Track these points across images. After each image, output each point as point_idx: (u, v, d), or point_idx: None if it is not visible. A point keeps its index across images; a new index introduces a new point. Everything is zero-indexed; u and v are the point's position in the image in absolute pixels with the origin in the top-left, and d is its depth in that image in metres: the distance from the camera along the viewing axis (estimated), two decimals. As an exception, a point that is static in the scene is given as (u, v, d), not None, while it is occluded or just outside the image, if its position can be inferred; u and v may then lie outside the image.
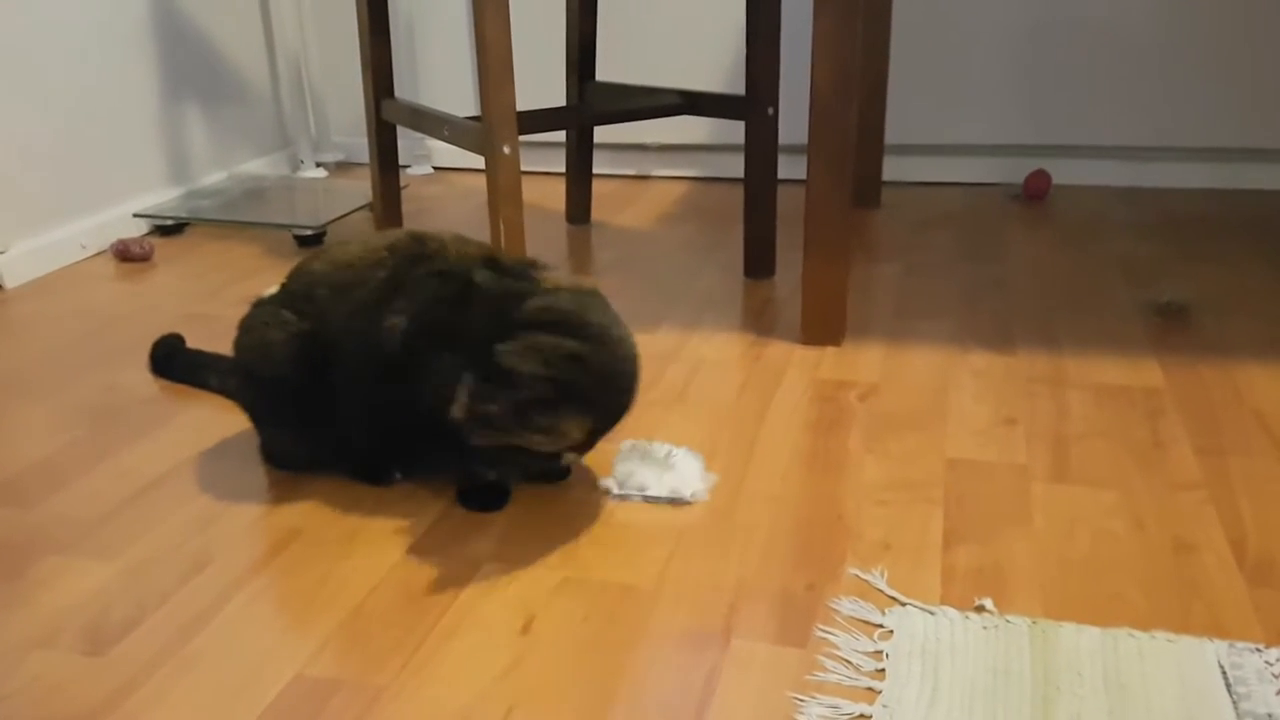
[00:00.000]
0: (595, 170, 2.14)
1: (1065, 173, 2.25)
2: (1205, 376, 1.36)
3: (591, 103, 2.00)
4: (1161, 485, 1.12)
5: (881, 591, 0.96)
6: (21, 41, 1.88)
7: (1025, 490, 1.12)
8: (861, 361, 1.45)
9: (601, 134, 2.17)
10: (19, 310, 1.77)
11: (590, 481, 1.16)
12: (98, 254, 2.03)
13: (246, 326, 1.18)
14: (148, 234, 2.13)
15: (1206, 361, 1.40)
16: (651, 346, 1.52)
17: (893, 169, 2.26)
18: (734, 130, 1.80)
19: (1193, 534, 1.03)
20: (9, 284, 1.86)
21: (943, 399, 1.33)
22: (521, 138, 1.54)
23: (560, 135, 2.16)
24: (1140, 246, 1.87)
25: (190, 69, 2.28)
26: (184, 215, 2.14)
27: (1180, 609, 0.92)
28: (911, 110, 2.27)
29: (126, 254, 1.98)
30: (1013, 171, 2.27)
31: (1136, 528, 1.04)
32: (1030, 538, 1.03)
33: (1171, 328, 1.51)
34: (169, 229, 2.13)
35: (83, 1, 2.00)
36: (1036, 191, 2.18)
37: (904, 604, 0.94)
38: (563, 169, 2.13)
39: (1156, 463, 1.16)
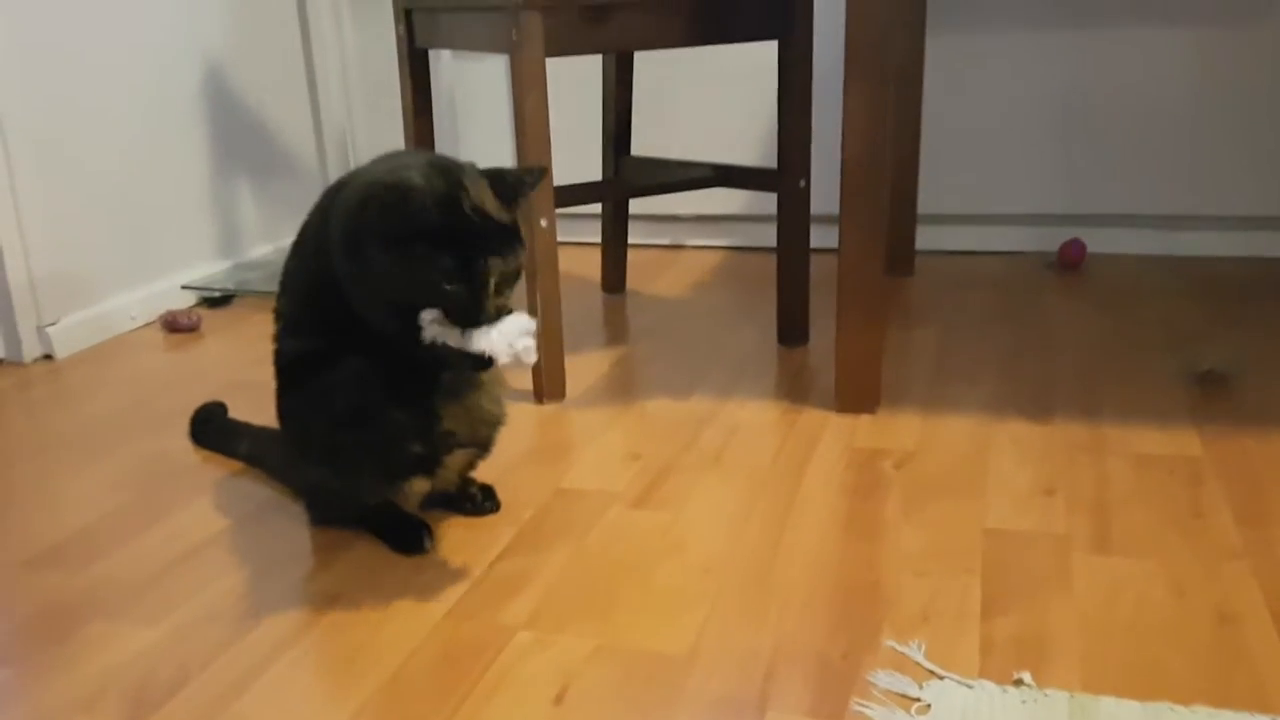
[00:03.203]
0: (630, 240, 2.17)
1: (1100, 241, 2.25)
2: (1245, 445, 1.34)
3: (627, 176, 2.04)
4: (1203, 555, 1.10)
5: (919, 664, 0.95)
6: (74, 116, 1.96)
7: (1065, 560, 1.11)
8: (898, 429, 1.45)
9: (636, 205, 2.21)
10: (69, 379, 1.81)
11: (625, 545, 1.17)
12: (146, 325, 2.09)
13: None
14: (195, 305, 2.18)
15: (1246, 430, 1.38)
16: (687, 411, 1.54)
17: (926, 238, 2.28)
18: (767, 201, 1.83)
19: (1235, 605, 1.01)
20: (60, 353, 1.91)
21: (981, 467, 1.32)
22: (559, 210, 1.58)
23: (597, 207, 2.20)
24: (1177, 314, 1.86)
25: (240, 144, 2.35)
26: (231, 287, 2.20)
27: (1222, 681, 0.91)
28: (945, 180, 2.29)
29: (174, 325, 2.03)
30: (1047, 240, 2.27)
31: (1177, 598, 1.03)
32: (1070, 608, 1.02)
33: (1211, 396, 1.50)
34: (216, 300, 2.19)
35: (135, 76, 2.08)
36: (1071, 260, 2.18)
37: (942, 677, 0.93)
38: (599, 239, 2.17)
39: (1197, 532, 1.15)
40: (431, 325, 1.03)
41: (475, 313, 1.02)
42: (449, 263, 1.00)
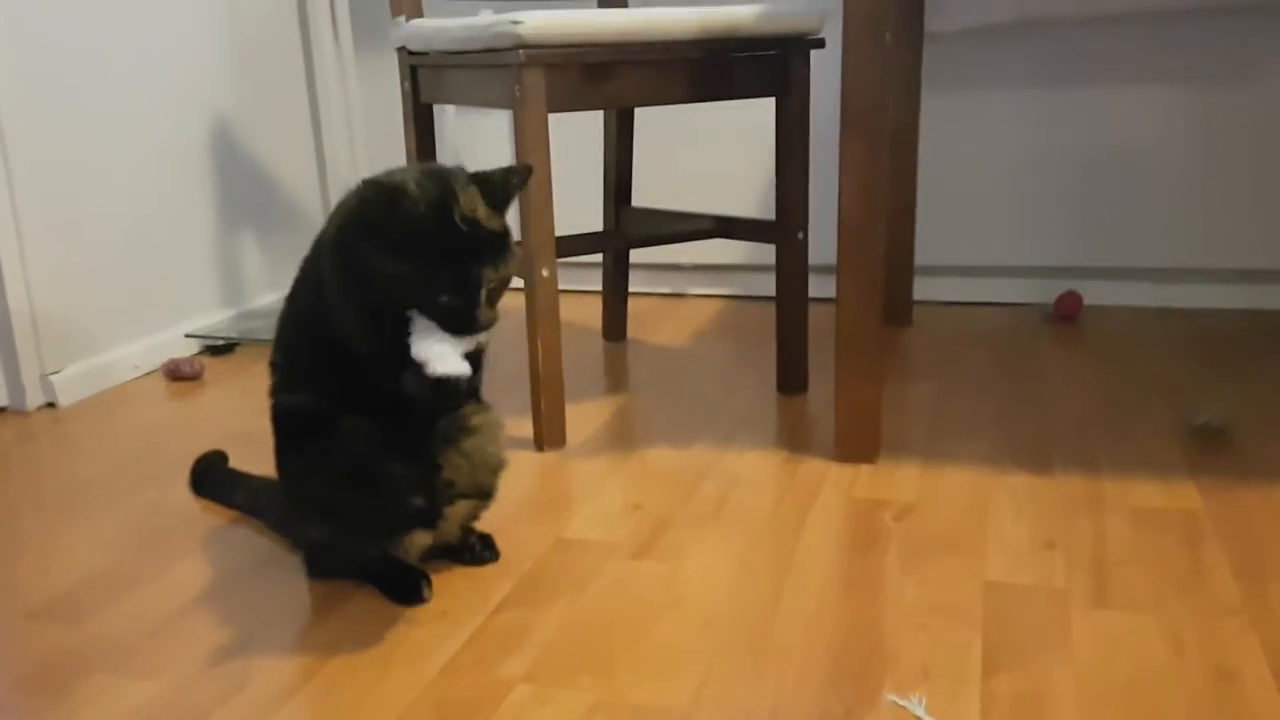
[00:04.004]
0: (631, 289, 2.19)
1: (1097, 293, 2.27)
2: (1244, 499, 1.35)
3: (628, 227, 2.06)
4: (1202, 611, 1.10)
5: (920, 718, 0.95)
6: (82, 168, 1.99)
7: (1065, 615, 1.11)
8: (897, 480, 1.45)
9: (638, 254, 2.23)
10: (72, 429, 1.82)
11: (624, 598, 1.17)
12: (149, 373, 2.10)
13: None
14: (198, 354, 2.19)
15: (1245, 484, 1.39)
16: (687, 460, 1.54)
17: (924, 289, 2.30)
18: (766, 251, 1.85)
19: (1234, 662, 1.01)
20: (63, 402, 1.92)
21: (980, 520, 1.33)
22: (560, 260, 1.60)
23: (598, 256, 2.22)
24: (1175, 367, 1.87)
25: (245, 195, 2.38)
26: (234, 336, 2.21)
27: (1225, 740, 0.91)
28: (942, 232, 2.31)
29: (177, 373, 2.04)
30: (1044, 292, 2.29)
31: (1177, 655, 1.03)
32: (1070, 665, 1.02)
33: (1209, 449, 1.51)
34: (219, 349, 2.20)
35: (143, 129, 2.11)
36: (1068, 312, 2.19)
37: (941, 732, 0.93)
38: (600, 288, 2.19)
39: (1196, 588, 1.15)
40: (420, 336, 1.04)
41: (469, 323, 1.03)
42: (444, 274, 1.01)
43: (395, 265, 1.01)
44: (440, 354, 1.04)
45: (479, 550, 1.28)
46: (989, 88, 2.25)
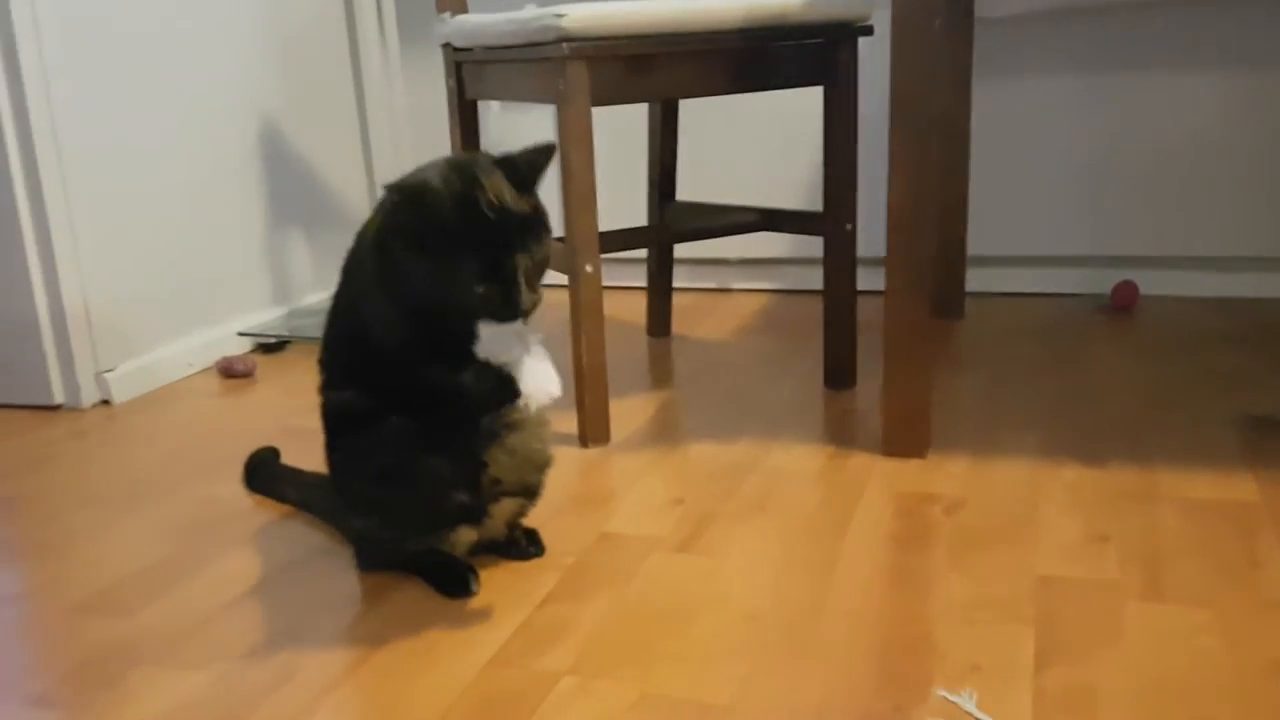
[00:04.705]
0: (675, 284, 2.18)
1: (1153, 283, 2.22)
2: (1307, 491, 1.31)
3: (672, 221, 2.05)
4: (1258, 604, 1.07)
5: (971, 715, 0.93)
6: (135, 169, 2.02)
7: (1118, 609, 1.08)
8: (946, 474, 1.43)
9: (682, 249, 2.22)
10: (125, 425, 1.85)
11: (667, 592, 1.16)
12: (203, 370, 2.13)
13: None
14: (251, 351, 2.23)
15: (1308, 475, 1.35)
16: (731, 457, 1.53)
17: (977, 280, 2.26)
18: (813, 244, 1.83)
19: (1298, 658, 0.98)
20: (117, 399, 1.96)
21: (1032, 513, 1.30)
22: (604, 255, 1.60)
23: (642, 251, 2.21)
24: (1231, 358, 1.82)
25: (294, 195, 2.41)
26: (285, 334, 2.24)
27: (1287, 738, 0.88)
28: (995, 222, 2.27)
29: (230, 371, 2.07)
30: (1099, 282, 2.25)
31: (1232, 650, 1.00)
32: (1123, 659, 1.00)
33: (1266, 441, 1.46)
34: (271, 347, 2.23)
35: (193, 131, 2.14)
36: (1124, 302, 2.15)
37: (991, 727, 0.91)
38: (644, 283, 2.18)
39: (1253, 581, 1.11)
40: (486, 342, 1.05)
41: (511, 309, 1.03)
42: (476, 264, 1.01)
43: (430, 263, 1.01)
44: (536, 388, 1.06)
45: (524, 545, 1.28)
46: (1041, 74, 2.21)
